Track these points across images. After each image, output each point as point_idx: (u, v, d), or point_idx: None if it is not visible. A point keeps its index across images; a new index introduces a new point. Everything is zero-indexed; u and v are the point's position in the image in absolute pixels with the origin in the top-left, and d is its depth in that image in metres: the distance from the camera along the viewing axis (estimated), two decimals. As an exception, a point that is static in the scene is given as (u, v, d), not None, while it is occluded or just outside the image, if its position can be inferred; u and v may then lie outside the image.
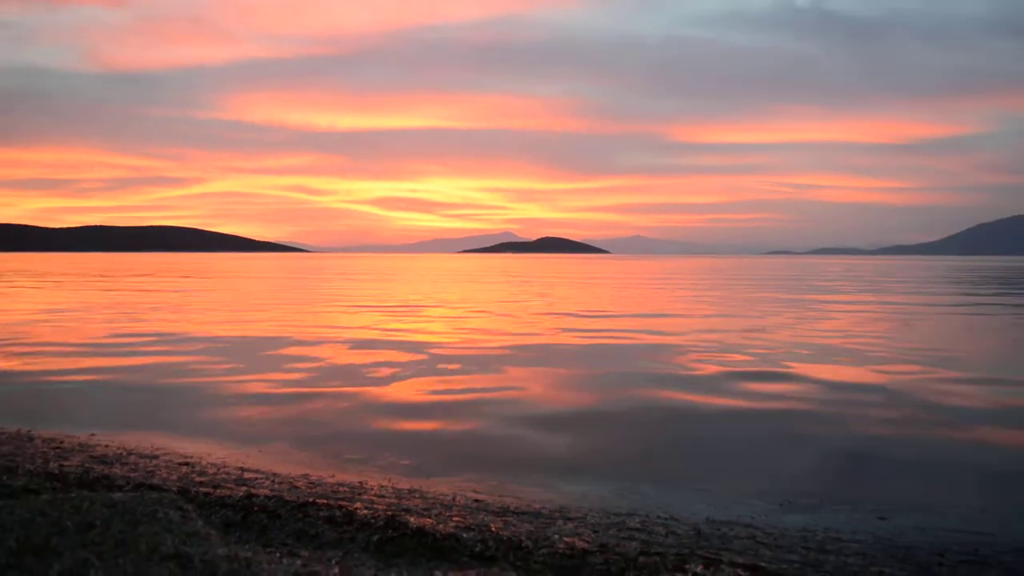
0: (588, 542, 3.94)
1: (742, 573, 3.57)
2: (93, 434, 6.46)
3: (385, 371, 10.01)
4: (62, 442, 6.10)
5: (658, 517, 4.59)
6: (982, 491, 5.23)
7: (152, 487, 4.70)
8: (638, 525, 4.40)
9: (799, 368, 10.30)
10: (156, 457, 5.74)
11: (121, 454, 5.79)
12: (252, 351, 11.97)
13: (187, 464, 5.53)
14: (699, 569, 3.60)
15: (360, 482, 5.20)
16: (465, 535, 3.94)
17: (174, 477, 5.09)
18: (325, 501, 4.48)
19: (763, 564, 3.77)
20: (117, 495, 3.91)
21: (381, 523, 4.10)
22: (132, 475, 5.07)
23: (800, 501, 4.99)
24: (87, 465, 5.32)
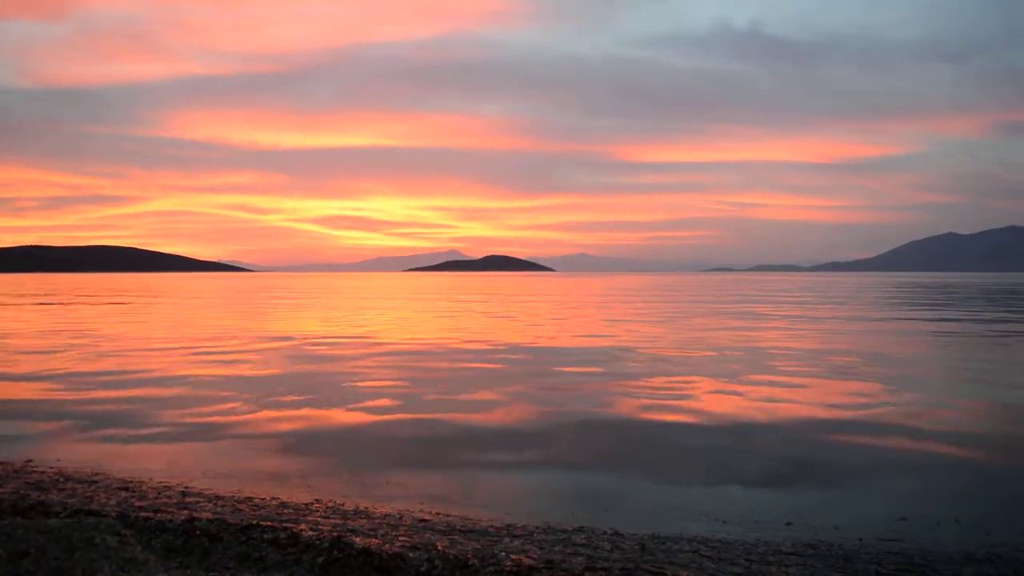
0: (535, 559, 3.96)
1: (686, 586, 3.62)
2: (29, 460, 6.28)
3: (321, 394, 9.91)
4: (-5, 469, 5.92)
5: (603, 533, 4.62)
6: (917, 504, 5.37)
7: (90, 513, 4.58)
8: (584, 541, 4.43)
9: (723, 386, 10.47)
10: (95, 482, 5.59)
11: (58, 480, 5.63)
12: (190, 375, 11.75)
13: (127, 489, 5.40)
14: (644, 583, 3.64)
15: (305, 504, 5.14)
16: (411, 555, 3.93)
17: (113, 502, 4.97)
18: (269, 523, 4.42)
19: (706, 577, 3.83)
20: (53, 521, 3.82)
21: (326, 544, 4.07)
22: (69, 501, 4.93)
23: (742, 515, 5.07)
24: (22, 491, 5.16)
